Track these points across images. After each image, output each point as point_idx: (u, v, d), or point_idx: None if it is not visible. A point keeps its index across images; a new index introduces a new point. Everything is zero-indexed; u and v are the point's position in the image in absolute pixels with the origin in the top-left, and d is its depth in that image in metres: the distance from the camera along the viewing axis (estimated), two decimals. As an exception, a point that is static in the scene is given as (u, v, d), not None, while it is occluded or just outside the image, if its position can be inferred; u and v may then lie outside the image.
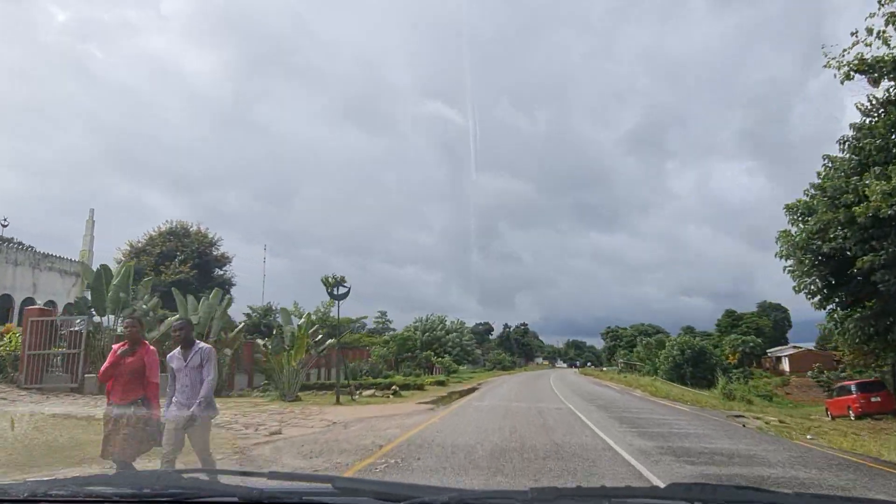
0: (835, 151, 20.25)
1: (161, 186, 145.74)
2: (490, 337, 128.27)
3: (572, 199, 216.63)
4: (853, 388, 25.34)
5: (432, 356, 43.09)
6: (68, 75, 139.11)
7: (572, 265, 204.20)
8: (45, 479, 2.31)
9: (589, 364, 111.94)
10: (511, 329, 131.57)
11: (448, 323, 68.31)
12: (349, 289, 22.54)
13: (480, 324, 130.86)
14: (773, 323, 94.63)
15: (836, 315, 23.17)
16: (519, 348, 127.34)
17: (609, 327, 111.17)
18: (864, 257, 17.46)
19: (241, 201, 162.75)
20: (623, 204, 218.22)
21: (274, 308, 57.24)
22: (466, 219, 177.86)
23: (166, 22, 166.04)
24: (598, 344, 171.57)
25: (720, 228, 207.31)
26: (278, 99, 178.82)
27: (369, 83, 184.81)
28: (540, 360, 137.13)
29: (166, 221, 45.51)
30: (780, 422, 18.49)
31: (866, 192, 16.33)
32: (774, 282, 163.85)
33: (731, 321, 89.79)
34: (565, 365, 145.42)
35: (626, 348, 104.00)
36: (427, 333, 63.43)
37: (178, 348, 6.02)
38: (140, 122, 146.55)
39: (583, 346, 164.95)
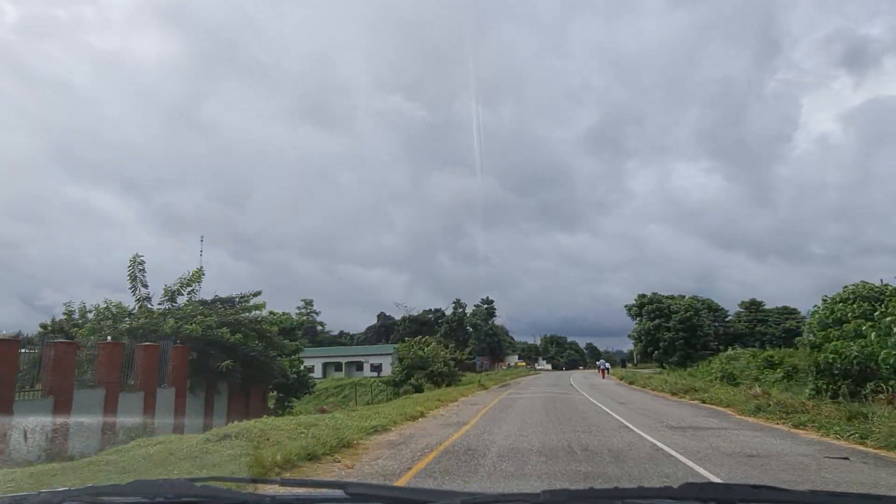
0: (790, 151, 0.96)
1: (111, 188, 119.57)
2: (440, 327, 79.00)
3: (536, 198, 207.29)
4: None
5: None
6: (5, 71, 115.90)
7: (537, 265, 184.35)
8: (60, 489, 2.02)
9: (607, 365, 61.61)
10: (465, 311, 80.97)
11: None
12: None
13: (429, 311, 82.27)
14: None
15: None
16: (481, 341, 76.54)
17: (643, 295, 62.69)
18: None
19: (197, 203, 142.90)
20: (585, 203, 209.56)
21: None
22: (431, 218, 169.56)
23: (111, 16, 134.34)
24: (581, 341, 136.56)
25: (681, 228, 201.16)
26: (243, 98, 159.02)
27: (327, 79, 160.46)
28: (515, 359, 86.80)
29: None
30: None
31: None
32: (736, 280, 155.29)
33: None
34: (549, 366, 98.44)
35: (680, 331, 56.38)
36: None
37: None
38: (85, 120, 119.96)
39: (563, 343, 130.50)
